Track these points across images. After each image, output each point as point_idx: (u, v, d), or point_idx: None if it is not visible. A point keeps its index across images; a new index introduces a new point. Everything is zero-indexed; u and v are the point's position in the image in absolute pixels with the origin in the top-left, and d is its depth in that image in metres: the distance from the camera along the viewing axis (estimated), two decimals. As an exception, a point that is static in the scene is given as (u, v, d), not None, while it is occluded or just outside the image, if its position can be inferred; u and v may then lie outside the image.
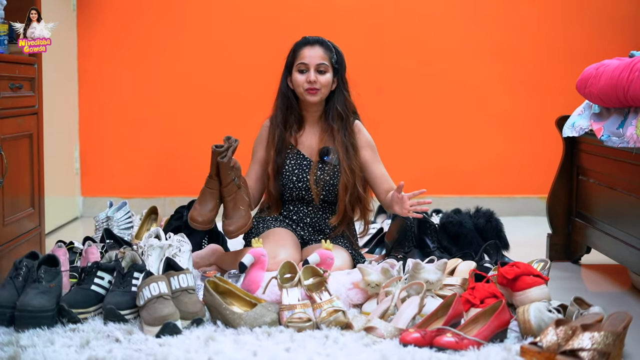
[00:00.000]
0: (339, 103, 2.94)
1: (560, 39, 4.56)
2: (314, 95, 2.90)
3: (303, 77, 2.90)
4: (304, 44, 2.94)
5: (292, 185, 2.92)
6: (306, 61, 2.90)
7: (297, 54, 2.94)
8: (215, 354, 2.04)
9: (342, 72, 2.96)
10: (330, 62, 2.92)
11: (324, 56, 2.91)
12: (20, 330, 2.19)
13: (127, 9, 4.51)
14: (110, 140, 4.56)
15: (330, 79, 2.92)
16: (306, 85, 2.89)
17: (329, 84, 2.92)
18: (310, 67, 2.90)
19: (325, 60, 2.91)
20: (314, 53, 2.91)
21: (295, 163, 2.94)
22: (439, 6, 4.57)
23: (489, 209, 3.25)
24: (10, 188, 2.74)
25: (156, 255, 2.61)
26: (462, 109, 4.60)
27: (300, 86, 2.90)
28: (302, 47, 2.94)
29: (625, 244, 2.77)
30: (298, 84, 2.91)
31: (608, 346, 1.95)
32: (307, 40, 2.95)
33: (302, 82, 2.90)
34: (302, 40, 2.96)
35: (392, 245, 3.15)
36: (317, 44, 2.93)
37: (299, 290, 2.36)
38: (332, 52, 2.94)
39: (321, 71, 2.90)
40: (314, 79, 2.88)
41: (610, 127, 2.81)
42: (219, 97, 4.55)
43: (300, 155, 2.95)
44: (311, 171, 2.92)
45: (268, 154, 2.96)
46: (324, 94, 2.93)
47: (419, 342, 2.09)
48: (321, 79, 2.89)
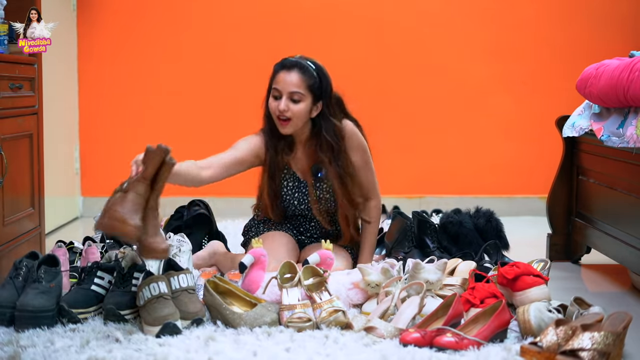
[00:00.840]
0: (328, 133, 2.74)
1: (560, 39, 4.56)
2: (285, 126, 2.70)
3: (275, 103, 2.70)
4: (281, 67, 2.72)
5: (294, 208, 2.86)
6: (279, 87, 2.69)
7: (274, 77, 2.73)
8: (215, 354, 2.04)
9: (326, 98, 2.73)
10: (309, 89, 2.68)
11: (299, 83, 2.67)
12: (20, 330, 2.19)
13: (127, 9, 4.51)
14: (110, 140, 4.56)
15: (305, 108, 2.69)
16: (277, 113, 2.70)
17: (302, 114, 2.69)
18: (282, 94, 2.69)
19: (300, 88, 2.67)
20: (289, 79, 2.68)
21: (293, 185, 2.84)
22: (440, 6, 4.56)
23: (489, 209, 3.25)
24: (10, 188, 2.74)
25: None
26: (462, 109, 4.59)
27: (273, 113, 2.72)
28: (279, 70, 2.72)
29: (625, 244, 2.77)
30: (271, 109, 2.72)
31: (608, 346, 1.95)
32: (284, 64, 2.72)
33: (274, 109, 2.71)
34: (281, 63, 2.74)
35: (392, 245, 3.15)
36: (295, 68, 2.69)
37: (299, 290, 2.36)
38: (313, 78, 2.69)
39: (294, 100, 2.68)
40: (283, 107, 2.67)
41: (610, 127, 2.81)
42: (219, 97, 4.55)
43: (295, 177, 2.84)
44: (309, 192, 2.83)
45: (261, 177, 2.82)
46: (297, 125, 2.72)
47: (419, 342, 2.09)
48: (293, 107, 2.68)
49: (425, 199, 4.56)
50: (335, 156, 2.76)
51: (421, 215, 3.17)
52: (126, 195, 2.18)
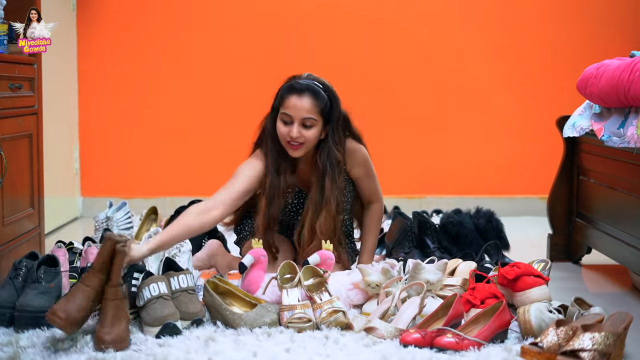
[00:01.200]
0: (322, 157, 2.67)
1: (560, 39, 4.56)
2: (296, 150, 2.64)
3: (286, 129, 2.62)
4: (292, 91, 2.63)
5: (296, 222, 2.83)
6: (291, 113, 2.61)
7: (284, 101, 2.64)
8: (215, 354, 2.04)
9: (334, 122, 2.67)
10: (320, 114, 2.63)
11: (312, 109, 2.61)
12: (20, 330, 2.19)
13: (127, 9, 4.51)
14: (110, 140, 4.56)
15: (317, 133, 2.64)
16: (288, 138, 2.63)
17: (314, 138, 2.64)
18: (295, 120, 2.61)
19: (313, 113, 2.61)
20: (301, 105, 2.60)
21: (298, 202, 2.81)
22: (440, 6, 4.56)
23: (490, 209, 3.25)
24: (10, 188, 2.74)
25: (156, 255, 2.60)
26: (462, 109, 4.59)
27: (283, 139, 2.64)
28: (290, 94, 2.63)
29: (626, 244, 2.77)
30: (281, 135, 2.64)
31: (609, 346, 1.95)
32: (295, 88, 2.63)
33: (285, 135, 2.63)
34: (290, 85, 2.65)
35: (392, 245, 3.15)
36: (307, 92, 2.61)
37: (299, 291, 2.36)
38: (324, 102, 2.63)
39: (307, 126, 2.62)
40: (296, 134, 2.60)
41: (611, 127, 2.81)
42: (219, 97, 4.55)
43: (302, 194, 2.80)
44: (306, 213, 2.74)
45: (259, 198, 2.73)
46: (308, 148, 2.66)
47: (419, 343, 2.09)
48: (306, 134, 2.61)
49: (425, 199, 4.55)
50: (321, 181, 2.68)
51: (421, 215, 3.17)
52: (78, 286, 2.14)
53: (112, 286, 2.15)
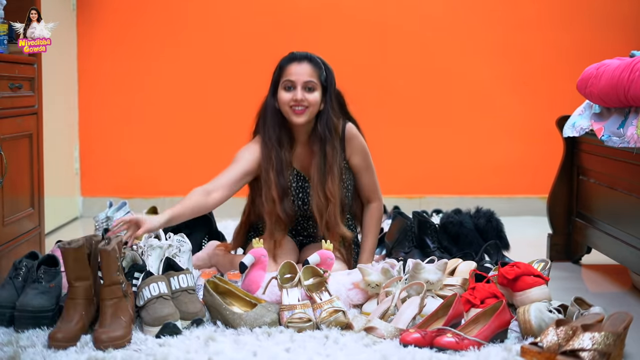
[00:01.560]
0: (321, 124, 2.75)
1: (561, 40, 4.56)
2: (300, 115, 2.71)
3: (289, 95, 2.71)
4: (291, 60, 2.75)
5: (298, 208, 2.83)
6: (293, 78, 2.71)
7: (284, 70, 2.74)
8: (215, 354, 2.04)
9: (331, 92, 2.77)
10: (319, 80, 2.73)
11: (312, 73, 2.72)
12: (20, 330, 2.19)
13: (127, 8, 4.51)
14: (110, 140, 4.56)
15: (319, 98, 2.73)
16: (292, 103, 2.71)
17: (317, 102, 2.73)
18: (297, 85, 2.71)
19: (313, 77, 2.72)
20: (302, 70, 2.72)
21: (297, 186, 2.82)
22: (441, 7, 4.56)
23: (490, 209, 3.25)
24: (10, 188, 2.74)
25: (156, 255, 2.60)
26: (462, 109, 4.59)
27: (286, 104, 2.72)
28: (289, 63, 2.74)
29: (626, 244, 2.77)
30: (283, 102, 2.72)
31: (608, 346, 1.95)
32: (295, 56, 2.75)
33: (288, 101, 2.71)
34: (289, 56, 2.77)
35: (392, 245, 3.15)
36: (306, 60, 2.74)
37: (299, 291, 2.36)
38: (321, 70, 2.75)
39: (309, 88, 2.71)
40: (300, 97, 2.69)
41: (611, 127, 2.81)
42: (219, 96, 4.55)
43: (300, 177, 2.82)
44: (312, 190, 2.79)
45: (266, 173, 2.75)
46: (312, 113, 2.74)
47: (419, 343, 2.09)
48: (309, 97, 2.71)
49: (425, 199, 4.55)
50: (322, 148, 2.75)
51: (421, 215, 3.17)
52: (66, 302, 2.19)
53: (107, 286, 2.16)
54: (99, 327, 2.12)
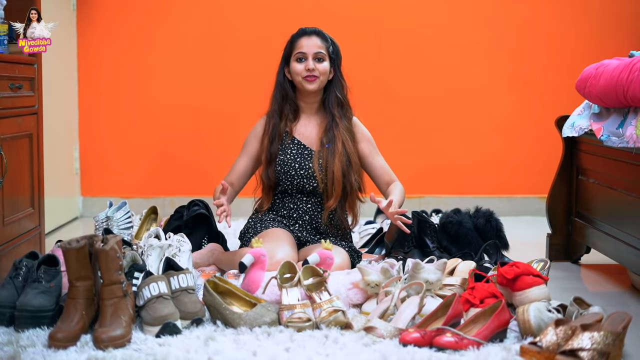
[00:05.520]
0: (338, 91, 3.02)
1: (560, 39, 4.56)
2: (313, 82, 2.96)
3: (302, 65, 2.97)
4: (301, 34, 3.02)
5: (295, 172, 2.95)
6: (304, 50, 2.98)
7: (295, 44, 3.01)
8: (215, 353, 2.04)
9: (338, 63, 3.04)
10: (327, 52, 3.00)
11: (321, 45, 2.99)
12: (20, 330, 2.19)
13: (127, 8, 4.51)
14: (110, 140, 4.56)
15: (328, 68, 2.99)
16: (305, 73, 2.96)
17: (326, 72, 2.99)
18: (308, 56, 2.97)
19: (322, 49, 2.99)
20: (312, 42, 2.99)
21: (297, 152, 2.98)
22: (439, 6, 4.56)
23: (489, 209, 3.25)
24: (10, 188, 2.74)
25: (156, 255, 2.61)
26: (461, 109, 4.59)
27: (299, 74, 2.97)
28: (300, 37, 3.02)
29: (625, 243, 2.77)
30: (297, 72, 2.98)
31: (608, 346, 1.95)
32: (305, 31, 3.03)
33: (301, 71, 2.97)
34: (300, 31, 3.04)
35: (391, 245, 3.15)
36: (314, 34, 3.02)
37: (298, 290, 2.36)
38: (329, 42, 3.02)
39: (319, 59, 2.98)
40: (312, 66, 2.95)
41: (610, 127, 2.81)
42: (219, 97, 4.55)
43: (301, 145, 3.00)
44: (314, 159, 2.96)
45: (262, 144, 3.02)
46: (323, 82, 3.00)
47: (419, 342, 2.09)
48: (319, 66, 2.97)
49: (425, 198, 4.56)
50: (343, 112, 3.02)
51: (421, 215, 3.17)
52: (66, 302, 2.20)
53: (106, 285, 2.17)
54: (99, 326, 2.12)
